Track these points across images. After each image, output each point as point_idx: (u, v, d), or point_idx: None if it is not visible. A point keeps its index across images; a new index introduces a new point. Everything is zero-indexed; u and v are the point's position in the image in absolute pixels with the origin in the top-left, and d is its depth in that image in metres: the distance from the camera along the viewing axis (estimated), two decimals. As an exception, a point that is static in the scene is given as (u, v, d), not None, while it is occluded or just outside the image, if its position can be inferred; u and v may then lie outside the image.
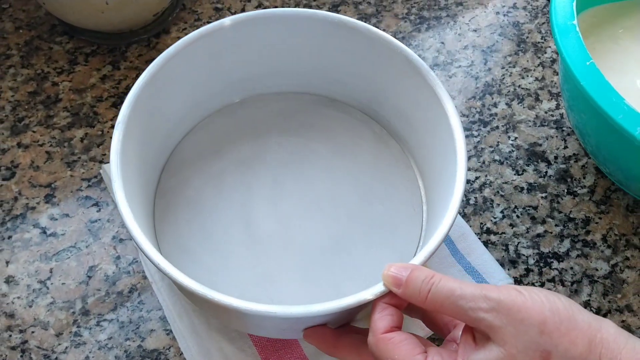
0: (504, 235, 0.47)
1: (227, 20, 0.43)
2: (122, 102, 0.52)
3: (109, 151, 0.50)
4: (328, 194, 0.45)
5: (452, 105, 0.40)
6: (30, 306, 0.43)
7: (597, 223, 0.48)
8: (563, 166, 0.51)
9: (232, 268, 0.41)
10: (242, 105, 0.49)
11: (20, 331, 0.42)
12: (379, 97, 0.47)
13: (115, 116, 0.52)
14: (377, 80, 0.46)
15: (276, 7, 0.60)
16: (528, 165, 0.51)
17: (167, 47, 0.56)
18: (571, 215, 0.48)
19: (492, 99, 0.55)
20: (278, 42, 0.46)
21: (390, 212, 0.44)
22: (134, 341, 0.42)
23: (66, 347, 0.41)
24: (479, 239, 0.46)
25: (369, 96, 0.47)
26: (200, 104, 0.47)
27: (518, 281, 0.45)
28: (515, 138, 0.52)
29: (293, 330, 0.38)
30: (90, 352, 0.41)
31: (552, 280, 0.45)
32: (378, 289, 0.33)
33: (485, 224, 0.48)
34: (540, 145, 0.52)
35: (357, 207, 0.44)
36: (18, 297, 0.43)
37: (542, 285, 0.45)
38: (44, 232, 0.46)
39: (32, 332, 0.42)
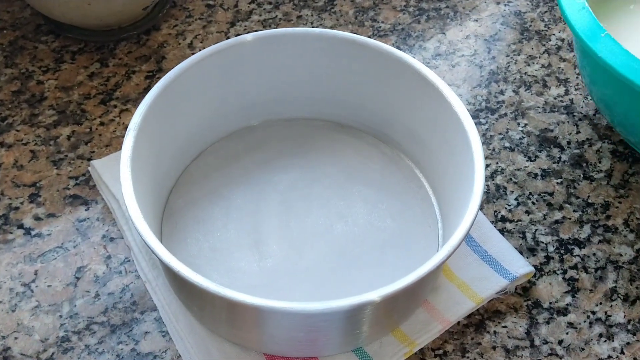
0: (520, 222, 0.44)
1: (232, 41, 0.42)
2: (111, 100, 0.50)
3: (97, 149, 0.47)
4: (339, 214, 0.43)
5: (468, 117, 0.39)
6: (13, 311, 0.39)
7: (617, 207, 0.45)
8: (577, 151, 0.49)
9: (241, 287, 0.39)
10: (252, 131, 0.47)
11: (2, 337, 0.38)
12: (390, 118, 0.45)
13: (105, 113, 0.49)
14: (388, 100, 0.44)
15: (270, 3, 0.58)
16: (540, 151, 0.48)
17: (158, 44, 0.54)
18: (589, 201, 0.46)
19: (498, 86, 0.53)
20: (287, 64, 0.45)
21: (404, 230, 0.42)
22: (127, 344, 0.38)
23: (53, 353, 0.37)
24: (494, 227, 0.43)
25: (380, 119, 0.46)
26: (210, 127, 0.46)
27: (538, 269, 0.42)
28: (525, 125, 0.50)
29: (307, 342, 0.36)
30: (79, 358, 0.37)
31: (574, 267, 0.42)
32: (385, 290, 0.32)
33: (499, 212, 0.45)
34: (552, 131, 0.50)
35: (369, 226, 0.42)
36: (0, 302, 0.39)
37: (564, 272, 0.42)
38: (28, 233, 0.43)
39: (15, 338, 0.38)
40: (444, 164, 0.42)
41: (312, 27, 0.56)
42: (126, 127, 0.48)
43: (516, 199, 0.46)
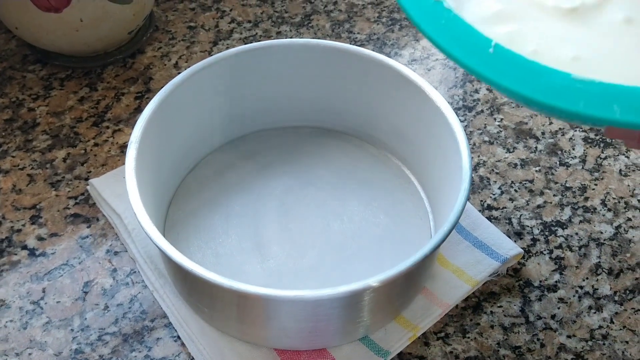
0: (505, 209, 0.47)
1: (220, 55, 0.44)
2: (103, 121, 0.51)
3: (94, 168, 0.48)
4: (334, 213, 0.45)
5: (451, 111, 0.41)
6: (25, 328, 0.40)
7: (593, 189, 0.48)
8: (551, 140, 0.51)
9: None
10: (244, 141, 0.49)
11: (16, 354, 0.39)
12: (374, 120, 0.48)
13: (98, 134, 0.51)
14: (372, 102, 0.47)
15: (249, 21, 0.61)
16: (517, 142, 0.51)
17: (144, 66, 0.56)
18: (567, 185, 0.48)
19: (473, 85, 0.55)
20: (274, 75, 0.47)
21: (397, 223, 0.45)
22: (140, 352, 0.39)
23: (67, 366, 0.38)
24: (482, 215, 0.46)
25: (365, 121, 0.48)
26: (204, 139, 0.47)
27: (526, 251, 0.44)
28: (502, 119, 0.53)
29: (316, 332, 0.37)
30: (94, 368, 0.38)
31: (559, 247, 0.45)
32: (383, 275, 0.33)
33: (485, 201, 0.47)
34: (526, 123, 0.53)
35: (364, 223, 0.44)
36: (11, 321, 0.40)
37: (550, 252, 0.44)
38: (33, 253, 0.43)
39: (29, 354, 0.39)
40: (430, 159, 0.45)
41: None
42: (120, 147, 0.49)
43: (499, 188, 0.48)
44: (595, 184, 0.49)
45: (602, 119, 0.24)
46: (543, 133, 0.52)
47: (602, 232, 0.46)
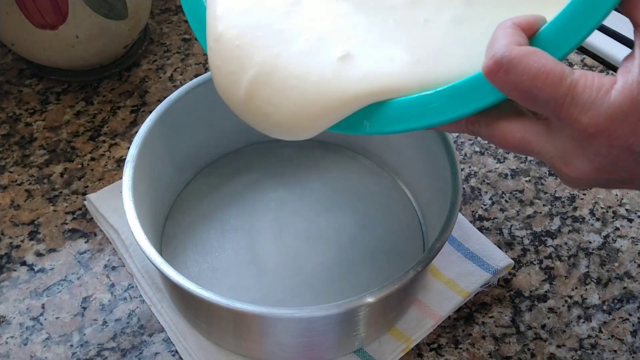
0: (496, 220, 0.48)
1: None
2: (99, 135, 0.52)
3: (91, 183, 0.49)
4: (329, 225, 0.46)
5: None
6: (25, 344, 0.40)
7: (582, 199, 0.49)
8: (541, 150, 0.52)
9: (244, 302, 0.41)
10: (238, 155, 0.50)
11: (17, 370, 0.39)
12: None
13: (94, 149, 0.51)
14: None
15: (243, 33, 0.61)
16: (508, 153, 0.52)
17: (140, 79, 0.57)
18: (557, 195, 0.49)
19: (464, 96, 0.56)
20: None
21: (390, 235, 0.45)
22: (138, 366, 0.40)
23: (68, 381, 0.39)
24: (473, 226, 0.46)
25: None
26: (199, 154, 0.48)
27: (517, 261, 0.45)
28: (492, 129, 0.54)
29: (312, 347, 0.38)
30: (94, 383, 0.39)
31: (549, 257, 0.46)
32: (378, 291, 0.34)
33: (476, 212, 0.48)
34: (517, 133, 0.53)
35: (358, 235, 0.45)
36: (11, 337, 0.41)
37: (540, 262, 0.45)
38: (32, 269, 0.44)
39: (30, 369, 0.39)
40: (421, 171, 0.45)
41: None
42: (117, 161, 0.50)
43: (490, 198, 0.49)
44: (584, 194, 0.50)
45: (373, 133, 0.30)
46: (533, 143, 0.53)
47: (590, 242, 0.47)
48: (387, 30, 0.30)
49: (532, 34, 0.26)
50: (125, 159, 0.41)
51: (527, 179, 0.50)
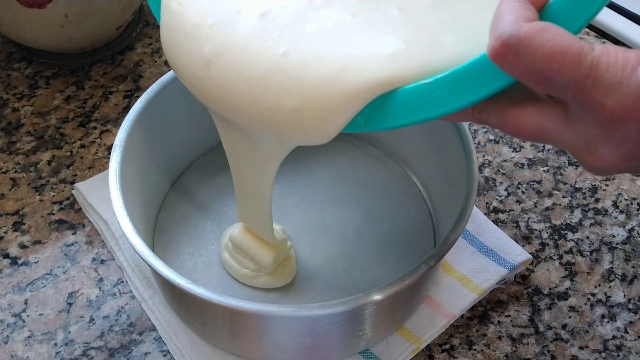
0: (512, 212, 0.45)
1: None
2: (90, 121, 0.49)
3: (80, 171, 0.46)
4: (333, 217, 0.43)
5: None
6: (6, 342, 0.38)
7: (604, 190, 0.46)
8: (560, 139, 0.49)
9: (241, 298, 0.38)
10: None
11: (-4, 371, 0.37)
12: None
13: (84, 135, 0.48)
14: None
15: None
16: (524, 141, 0.49)
17: (134, 63, 0.54)
18: (577, 186, 0.46)
19: (477, 81, 0.53)
20: None
21: (399, 228, 0.42)
22: (127, 367, 0.37)
23: (50, 383, 0.36)
24: (488, 218, 0.43)
25: None
26: (194, 141, 0.45)
27: (535, 256, 0.42)
28: (507, 117, 0.51)
29: (313, 348, 0.35)
30: (78, 385, 0.36)
31: (569, 251, 0.43)
32: (386, 288, 0.31)
33: (491, 203, 0.45)
34: (533, 121, 0.50)
35: (365, 227, 0.42)
36: (-10, 335, 0.38)
37: (560, 257, 0.42)
38: (15, 262, 0.41)
39: (10, 370, 0.37)
40: (432, 160, 0.42)
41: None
42: (108, 148, 0.47)
43: (506, 189, 0.46)
44: (607, 185, 0.46)
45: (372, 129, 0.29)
46: (551, 131, 0.50)
47: (614, 236, 0.43)
48: (355, 25, 0.27)
49: (541, 6, 0.22)
50: (114, 144, 0.38)
51: (545, 168, 0.47)
